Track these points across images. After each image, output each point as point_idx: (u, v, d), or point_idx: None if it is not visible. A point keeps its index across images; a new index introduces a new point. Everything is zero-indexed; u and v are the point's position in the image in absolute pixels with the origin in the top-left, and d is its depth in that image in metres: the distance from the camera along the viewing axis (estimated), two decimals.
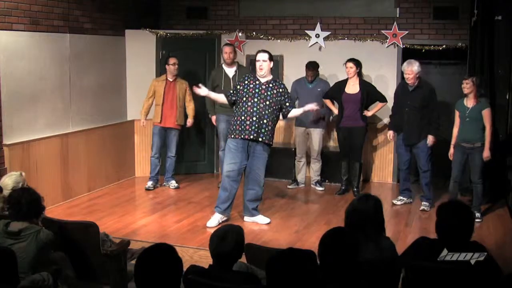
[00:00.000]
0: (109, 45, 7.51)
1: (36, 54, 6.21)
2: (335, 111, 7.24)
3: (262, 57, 5.73)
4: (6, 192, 4.27)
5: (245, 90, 5.70)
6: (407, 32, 7.59)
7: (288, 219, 6.21)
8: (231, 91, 5.89)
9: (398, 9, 7.71)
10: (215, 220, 5.80)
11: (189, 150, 8.18)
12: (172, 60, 7.23)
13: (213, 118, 7.33)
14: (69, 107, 6.79)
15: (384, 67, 7.73)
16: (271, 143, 5.79)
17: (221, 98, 6.00)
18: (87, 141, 7.07)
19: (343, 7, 7.96)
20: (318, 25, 7.91)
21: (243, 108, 5.66)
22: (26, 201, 3.74)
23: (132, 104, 7.81)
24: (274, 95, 5.68)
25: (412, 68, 6.35)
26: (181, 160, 7.99)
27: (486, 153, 5.96)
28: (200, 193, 7.22)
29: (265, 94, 5.66)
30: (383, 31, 7.69)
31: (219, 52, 8.10)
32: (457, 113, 6.18)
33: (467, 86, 5.99)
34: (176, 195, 7.20)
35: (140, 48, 7.84)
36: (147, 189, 7.34)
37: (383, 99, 7.01)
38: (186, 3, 8.53)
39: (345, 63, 6.95)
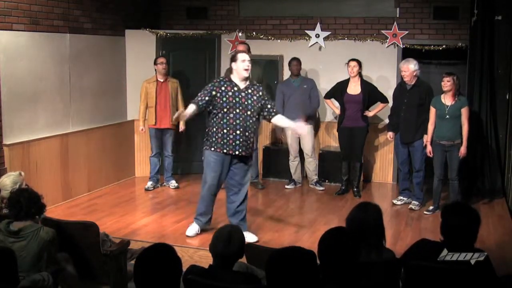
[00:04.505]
0: (109, 45, 7.51)
1: (36, 54, 6.21)
2: (337, 111, 7.25)
3: (248, 57, 5.24)
4: (4, 192, 4.27)
5: (224, 99, 5.15)
6: (407, 32, 7.59)
7: (288, 219, 6.20)
8: (203, 100, 5.18)
9: (398, 9, 7.71)
10: (193, 230, 5.57)
11: (187, 150, 8.16)
12: (159, 60, 7.19)
13: None
14: (69, 107, 6.79)
15: (384, 67, 7.72)
16: (252, 153, 5.46)
17: (191, 109, 5.19)
18: (87, 141, 7.07)
19: (343, 7, 7.96)
20: (318, 25, 7.91)
21: (225, 120, 5.17)
22: (25, 201, 3.76)
23: (132, 104, 7.80)
24: (254, 102, 5.21)
25: (408, 66, 6.37)
26: (179, 160, 7.98)
27: (464, 150, 6.08)
28: (200, 193, 7.18)
29: (246, 103, 5.18)
30: (383, 31, 7.69)
31: (219, 52, 8.10)
32: (433, 110, 6.21)
33: (448, 83, 6.05)
34: (176, 195, 7.20)
35: (140, 48, 7.84)
36: (147, 190, 7.34)
37: (384, 99, 7.01)
38: (186, 3, 8.53)
39: (348, 63, 6.94)
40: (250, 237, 5.28)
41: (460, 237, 3.11)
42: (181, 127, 7.28)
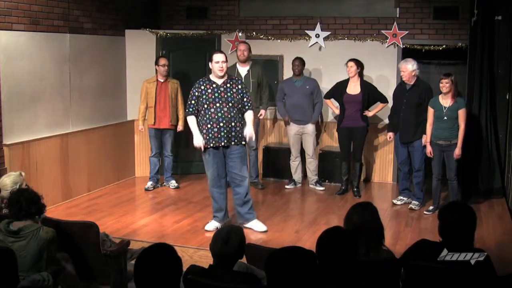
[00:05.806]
0: (109, 45, 7.51)
1: (36, 54, 6.21)
2: (336, 111, 7.25)
3: (222, 58, 5.52)
4: (4, 192, 4.27)
5: (204, 96, 5.49)
6: (407, 32, 7.59)
7: (288, 219, 6.21)
8: (191, 105, 5.58)
9: (398, 9, 7.71)
10: (212, 225, 5.72)
11: (187, 150, 8.15)
12: (162, 61, 7.18)
13: None
14: (69, 107, 6.79)
15: (384, 67, 7.73)
16: (244, 142, 5.62)
17: (192, 122, 5.61)
18: (87, 141, 7.07)
19: (343, 7, 7.96)
20: (318, 25, 7.91)
21: (207, 116, 5.47)
22: (25, 201, 3.77)
23: (132, 104, 7.80)
24: (234, 95, 5.52)
25: (407, 66, 6.38)
26: (179, 160, 7.98)
27: (458, 152, 6.10)
28: (200, 193, 7.21)
29: (225, 96, 5.49)
30: (383, 31, 7.69)
31: None
32: (431, 111, 6.22)
33: (446, 85, 6.05)
34: (176, 195, 7.20)
35: (140, 48, 7.83)
36: (147, 190, 7.34)
37: (384, 99, 7.01)
38: (186, 3, 8.53)
39: (346, 63, 6.95)
40: (259, 227, 5.69)
41: (457, 235, 3.11)
42: (179, 127, 7.29)
